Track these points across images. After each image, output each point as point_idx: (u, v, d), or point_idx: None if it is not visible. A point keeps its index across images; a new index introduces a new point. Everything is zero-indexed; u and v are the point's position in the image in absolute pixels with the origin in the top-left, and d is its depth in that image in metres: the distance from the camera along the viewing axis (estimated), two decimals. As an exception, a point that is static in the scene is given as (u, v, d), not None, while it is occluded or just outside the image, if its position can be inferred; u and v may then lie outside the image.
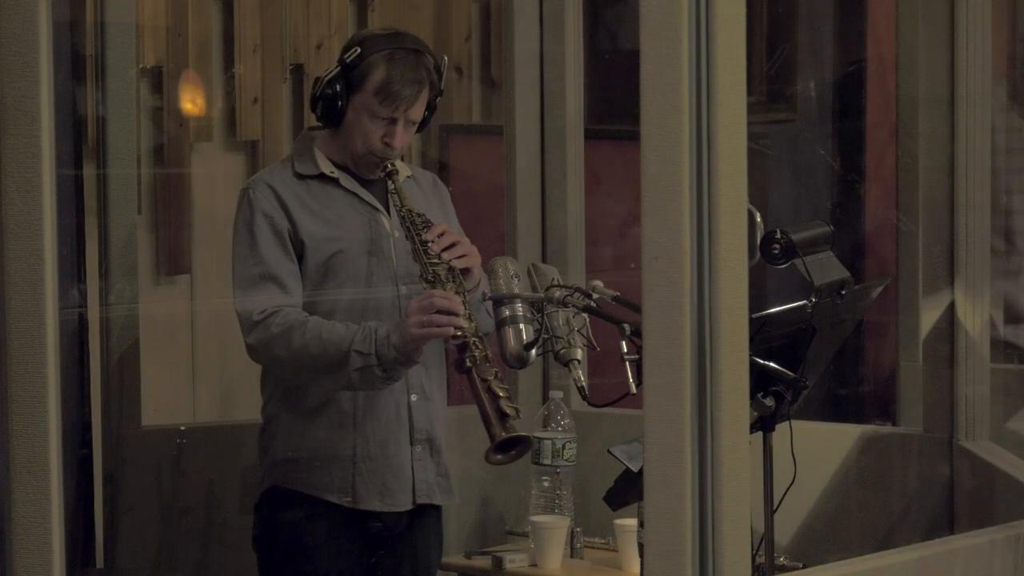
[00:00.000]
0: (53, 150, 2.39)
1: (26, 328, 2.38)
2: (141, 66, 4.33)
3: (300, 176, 3.52)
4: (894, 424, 4.36)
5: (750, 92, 2.40)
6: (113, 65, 3.97)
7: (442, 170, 5.20)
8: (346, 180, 3.53)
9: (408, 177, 3.59)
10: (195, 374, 4.46)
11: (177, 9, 4.48)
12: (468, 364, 3.29)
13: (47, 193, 2.39)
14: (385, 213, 3.53)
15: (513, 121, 4.31)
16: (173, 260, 4.45)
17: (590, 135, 4.41)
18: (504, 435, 3.22)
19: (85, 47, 4.00)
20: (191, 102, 4.55)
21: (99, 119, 4.00)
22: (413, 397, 3.51)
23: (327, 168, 3.53)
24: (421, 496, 3.54)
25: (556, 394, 4.00)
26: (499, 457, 3.26)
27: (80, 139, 4.05)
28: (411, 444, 3.52)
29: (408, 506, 3.53)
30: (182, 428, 4.08)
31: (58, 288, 2.40)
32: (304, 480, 3.50)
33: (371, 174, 3.53)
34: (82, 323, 3.91)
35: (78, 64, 4.00)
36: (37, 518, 2.38)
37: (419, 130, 3.56)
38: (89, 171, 4.02)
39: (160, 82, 4.44)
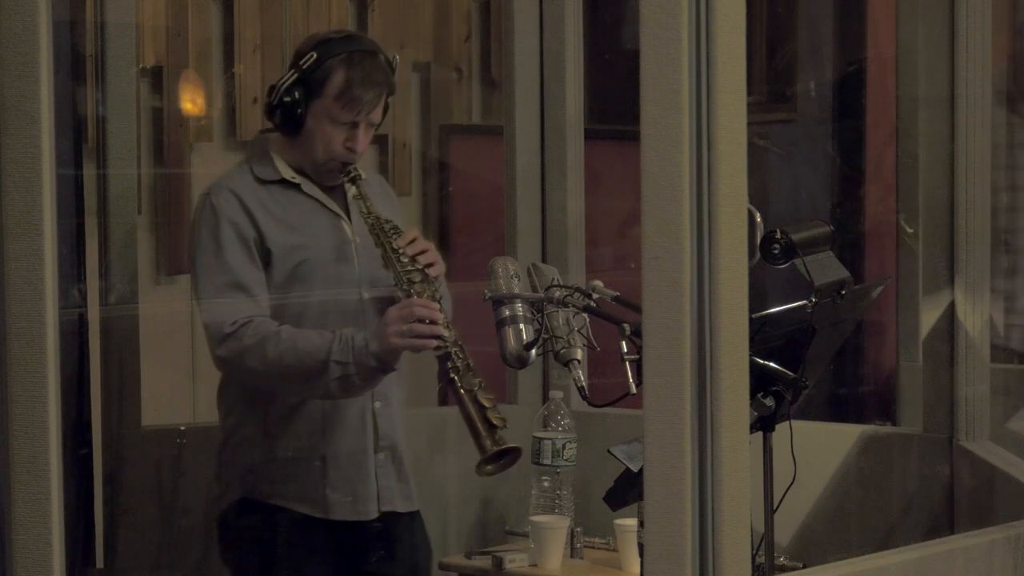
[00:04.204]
0: (53, 150, 2.39)
1: (26, 328, 2.38)
2: (141, 66, 4.33)
3: (261, 181, 3.47)
4: (894, 424, 4.35)
5: (750, 92, 2.40)
6: (113, 65, 3.96)
7: (442, 170, 5.20)
8: (307, 186, 3.49)
9: (362, 179, 3.57)
10: (195, 374, 4.45)
11: (177, 9, 4.48)
12: (452, 375, 3.29)
13: (47, 193, 2.38)
14: (346, 219, 3.50)
15: (513, 121, 4.30)
16: (173, 260, 4.45)
17: (590, 135, 4.40)
18: (495, 448, 3.23)
19: (85, 47, 4.00)
20: (191, 102, 4.55)
21: (99, 119, 3.99)
22: (377, 404, 3.48)
23: (288, 173, 3.48)
24: (385, 504, 3.51)
25: (556, 394, 4.00)
26: (489, 468, 3.27)
27: (80, 139, 4.04)
28: (375, 451, 3.49)
29: (374, 514, 3.50)
30: (182, 428, 4.07)
31: (58, 288, 2.40)
32: (274, 491, 3.46)
33: (332, 180, 3.49)
34: (82, 323, 3.90)
35: (78, 64, 3.99)
36: (37, 518, 2.38)
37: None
38: (89, 171, 4.01)
39: (160, 82, 4.44)
